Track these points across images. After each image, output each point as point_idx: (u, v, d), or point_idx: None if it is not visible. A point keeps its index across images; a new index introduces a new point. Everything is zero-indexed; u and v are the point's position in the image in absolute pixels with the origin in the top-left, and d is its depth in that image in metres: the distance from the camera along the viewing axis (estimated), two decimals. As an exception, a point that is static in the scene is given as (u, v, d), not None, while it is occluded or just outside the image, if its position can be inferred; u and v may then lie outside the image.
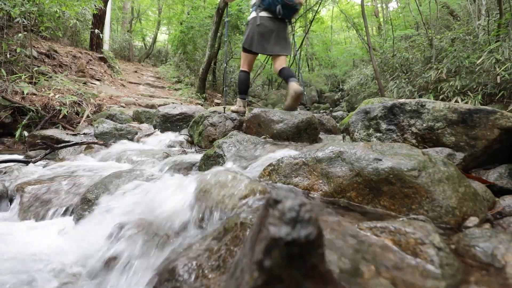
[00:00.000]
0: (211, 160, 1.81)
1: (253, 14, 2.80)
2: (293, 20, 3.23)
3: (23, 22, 4.38)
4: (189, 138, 2.93)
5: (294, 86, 2.53)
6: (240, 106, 2.99)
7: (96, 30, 7.45)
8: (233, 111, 2.95)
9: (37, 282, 0.78)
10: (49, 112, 3.74)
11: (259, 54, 3.02)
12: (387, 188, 0.90)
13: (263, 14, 2.73)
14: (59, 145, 2.49)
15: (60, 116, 3.78)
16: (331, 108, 11.01)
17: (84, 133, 3.28)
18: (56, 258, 0.89)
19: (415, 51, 6.89)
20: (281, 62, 2.85)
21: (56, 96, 4.02)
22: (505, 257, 0.60)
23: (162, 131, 3.41)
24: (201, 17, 9.89)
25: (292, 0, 2.67)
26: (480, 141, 1.29)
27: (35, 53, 5.00)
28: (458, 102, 4.18)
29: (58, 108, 3.81)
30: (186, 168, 1.82)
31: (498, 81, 4.23)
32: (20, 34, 4.49)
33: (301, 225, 0.31)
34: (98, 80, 6.54)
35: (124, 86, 7.58)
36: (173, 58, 11.90)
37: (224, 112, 2.86)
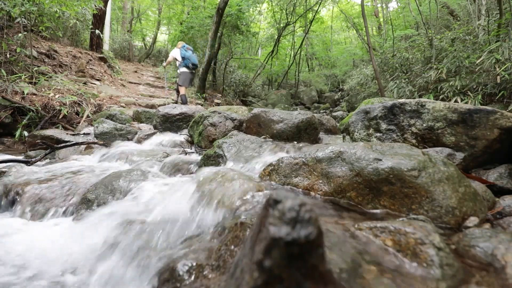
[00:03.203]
0: (211, 160, 1.81)
1: (180, 69, 6.04)
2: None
3: (23, 22, 4.37)
4: (189, 138, 2.92)
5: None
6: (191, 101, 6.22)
7: (96, 30, 7.44)
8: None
9: (37, 281, 0.78)
10: (49, 112, 3.74)
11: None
12: (387, 188, 0.90)
13: (185, 69, 5.99)
14: (59, 145, 2.49)
15: (60, 116, 3.78)
16: (331, 108, 11.00)
17: (84, 133, 3.28)
18: (56, 258, 0.89)
19: (415, 51, 6.89)
20: (185, 91, 6.09)
21: (56, 96, 4.02)
22: (505, 257, 0.60)
23: (162, 131, 3.41)
24: (201, 17, 9.90)
25: (197, 66, 6.09)
26: (480, 141, 1.29)
27: (35, 53, 5.00)
28: (458, 102, 4.18)
29: (58, 108, 3.81)
30: (186, 168, 1.82)
31: (498, 81, 4.23)
32: (20, 34, 4.49)
33: (301, 225, 0.31)
34: (98, 80, 6.54)
35: (124, 86, 7.58)
36: (173, 58, 11.89)
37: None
